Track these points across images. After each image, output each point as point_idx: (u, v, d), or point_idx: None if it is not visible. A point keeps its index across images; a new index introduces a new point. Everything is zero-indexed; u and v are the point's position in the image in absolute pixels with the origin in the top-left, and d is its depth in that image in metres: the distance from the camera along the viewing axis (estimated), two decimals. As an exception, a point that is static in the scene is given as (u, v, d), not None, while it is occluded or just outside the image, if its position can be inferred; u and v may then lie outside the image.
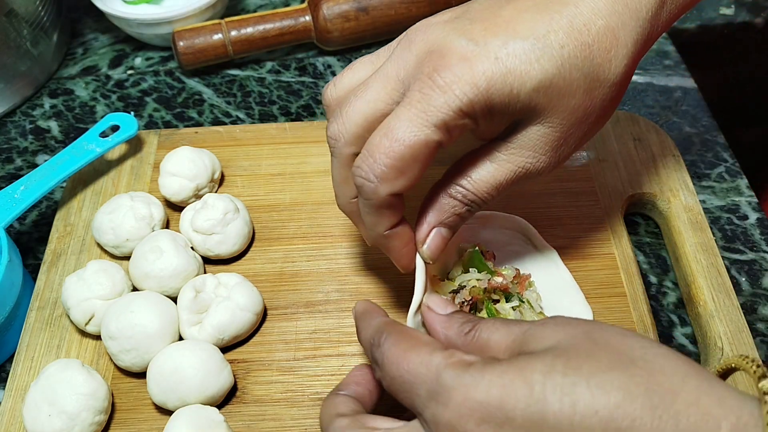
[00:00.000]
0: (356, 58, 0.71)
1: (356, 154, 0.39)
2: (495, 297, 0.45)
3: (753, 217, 0.56)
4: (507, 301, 0.45)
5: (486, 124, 0.38)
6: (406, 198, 0.40)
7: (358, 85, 0.40)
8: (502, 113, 0.38)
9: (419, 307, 0.41)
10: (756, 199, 0.57)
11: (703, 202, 0.57)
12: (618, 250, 0.52)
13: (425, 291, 0.41)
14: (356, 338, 0.48)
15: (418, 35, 0.39)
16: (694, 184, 0.55)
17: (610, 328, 0.33)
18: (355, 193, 0.41)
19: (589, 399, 0.29)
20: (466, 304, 0.43)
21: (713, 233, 0.53)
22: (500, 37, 0.37)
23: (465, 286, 0.44)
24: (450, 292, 0.44)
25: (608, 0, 0.38)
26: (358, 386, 0.39)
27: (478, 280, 0.45)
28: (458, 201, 0.41)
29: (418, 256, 0.42)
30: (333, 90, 0.42)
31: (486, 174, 0.40)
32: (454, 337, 0.37)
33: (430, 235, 0.41)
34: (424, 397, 0.33)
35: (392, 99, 0.39)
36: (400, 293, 0.51)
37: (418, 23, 0.40)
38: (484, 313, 0.44)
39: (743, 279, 0.53)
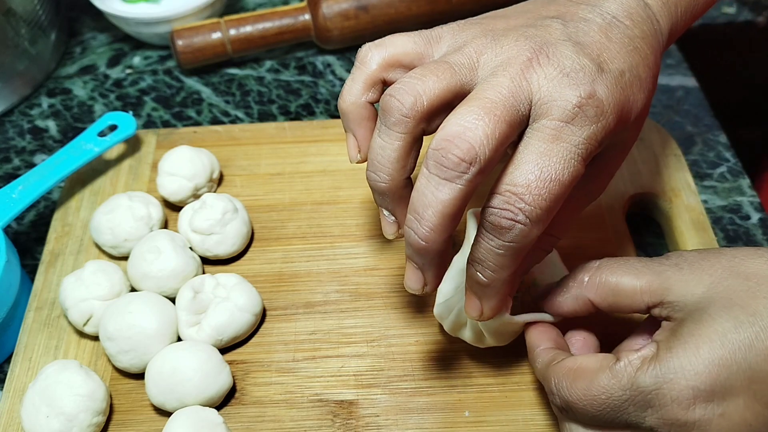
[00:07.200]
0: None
1: (424, 131, 0.36)
2: None
3: (755, 217, 0.56)
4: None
5: None
6: None
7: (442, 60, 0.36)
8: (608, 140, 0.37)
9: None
10: (758, 199, 0.57)
11: (705, 201, 0.56)
12: (619, 251, 0.51)
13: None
14: (355, 339, 0.49)
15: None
16: (696, 183, 0.55)
17: (737, 252, 0.35)
18: (408, 174, 0.37)
19: None
20: None
21: (715, 233, 0.52)
22: (615, 62, 0.36)
23: None
24: None
25: (645, 29, 0.38)
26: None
27: None
28: (545, 251, 0.42)
29: None
30: (377, 50, 0.39)
31: (567, 217, 0.40)
32: (579, 290, 0.38)
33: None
34: (634, 413, 0.33)
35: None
36: (400, 294, 0.50)
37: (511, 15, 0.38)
38: None
39: (745, 279, 0.52)
